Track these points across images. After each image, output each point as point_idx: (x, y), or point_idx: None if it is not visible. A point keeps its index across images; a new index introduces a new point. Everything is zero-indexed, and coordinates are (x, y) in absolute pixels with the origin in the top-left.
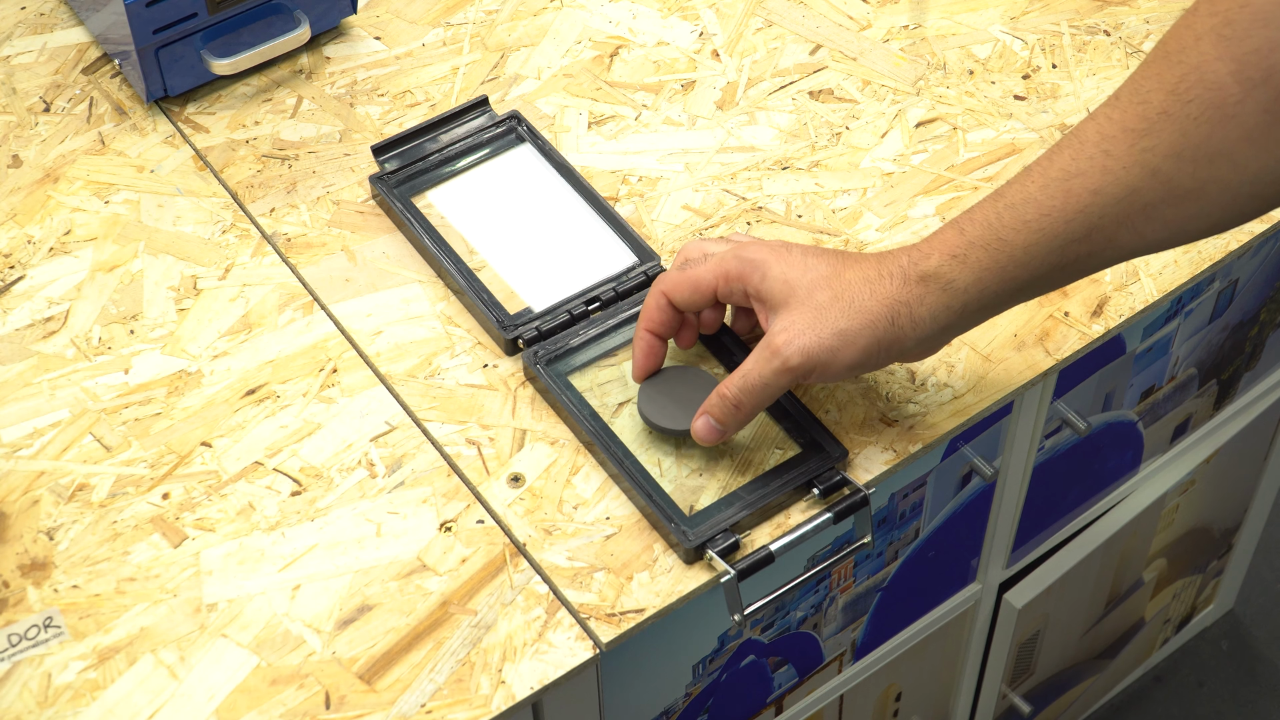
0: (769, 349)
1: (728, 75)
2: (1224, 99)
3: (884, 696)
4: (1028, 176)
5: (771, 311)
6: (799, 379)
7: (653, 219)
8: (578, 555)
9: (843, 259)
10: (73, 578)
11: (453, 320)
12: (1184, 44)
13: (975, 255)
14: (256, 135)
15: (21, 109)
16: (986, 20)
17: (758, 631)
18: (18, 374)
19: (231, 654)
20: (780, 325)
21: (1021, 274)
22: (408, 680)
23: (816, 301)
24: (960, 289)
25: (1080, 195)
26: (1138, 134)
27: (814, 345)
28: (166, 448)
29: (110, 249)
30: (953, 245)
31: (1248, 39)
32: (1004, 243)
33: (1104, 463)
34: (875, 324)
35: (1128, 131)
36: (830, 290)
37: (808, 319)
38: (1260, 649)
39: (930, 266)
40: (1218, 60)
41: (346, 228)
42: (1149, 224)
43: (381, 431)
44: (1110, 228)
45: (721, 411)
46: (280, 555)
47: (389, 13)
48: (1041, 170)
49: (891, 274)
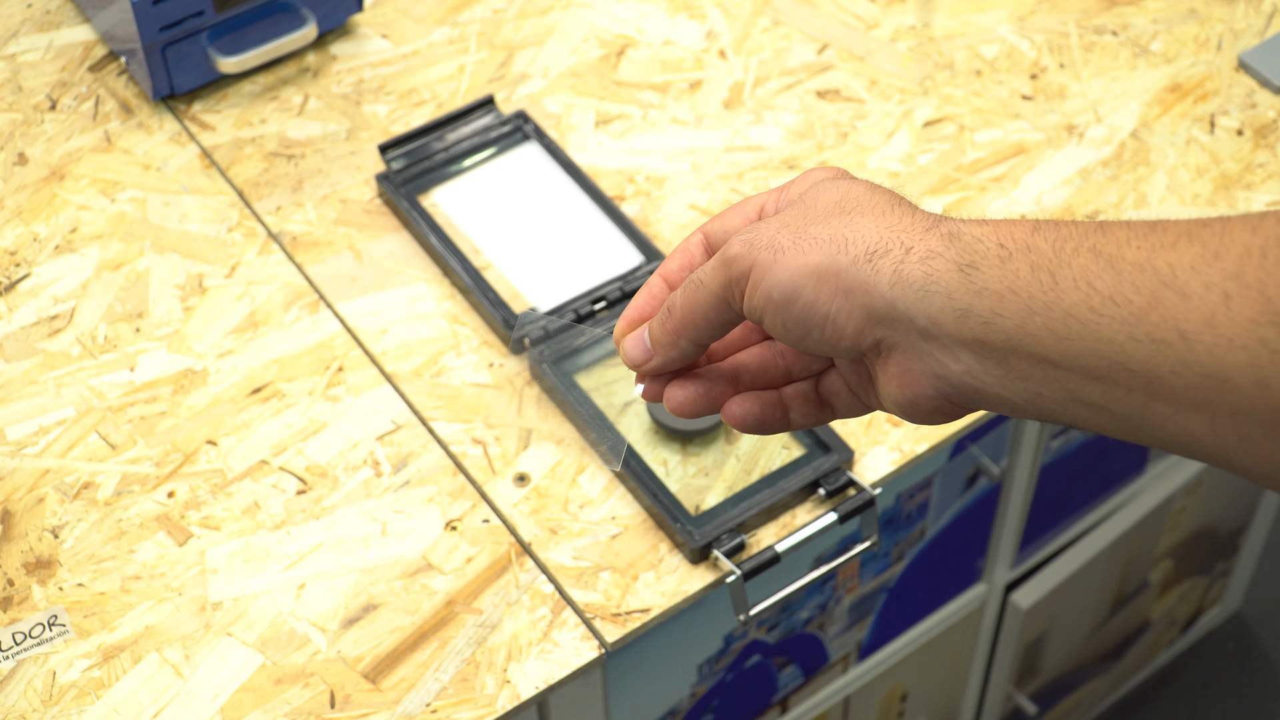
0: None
1: (735, 74)
2: None
3: (889, 697)
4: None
5: None
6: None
7: (659, 218)
8: (583, 555)
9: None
10: (78, 576)
11: (459, 319)
12: None
13: (1018, 266)
14: (263, 133)
15: (28, 107)
16: (994, 20)
17: (763, 632)
18: (23, 372)
19: (237, 652)
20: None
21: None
22: (413, 679)
23: (814, 203)
24: (976, 287)
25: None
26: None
27: (764, 238)
28: (172, 446)
29: (116, 247)
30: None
31: None
32: (1055, 284)
33: (1110, 464)
34: (848, 245)
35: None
36: (837, 196)
37: (785, 218)
38: (1266, 650)
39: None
40: None
41: (353, 226)
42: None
43: (387, 430)
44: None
45: (655, 320)
46: (285, 554)
47: (396, 11)
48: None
49: (922, 217)
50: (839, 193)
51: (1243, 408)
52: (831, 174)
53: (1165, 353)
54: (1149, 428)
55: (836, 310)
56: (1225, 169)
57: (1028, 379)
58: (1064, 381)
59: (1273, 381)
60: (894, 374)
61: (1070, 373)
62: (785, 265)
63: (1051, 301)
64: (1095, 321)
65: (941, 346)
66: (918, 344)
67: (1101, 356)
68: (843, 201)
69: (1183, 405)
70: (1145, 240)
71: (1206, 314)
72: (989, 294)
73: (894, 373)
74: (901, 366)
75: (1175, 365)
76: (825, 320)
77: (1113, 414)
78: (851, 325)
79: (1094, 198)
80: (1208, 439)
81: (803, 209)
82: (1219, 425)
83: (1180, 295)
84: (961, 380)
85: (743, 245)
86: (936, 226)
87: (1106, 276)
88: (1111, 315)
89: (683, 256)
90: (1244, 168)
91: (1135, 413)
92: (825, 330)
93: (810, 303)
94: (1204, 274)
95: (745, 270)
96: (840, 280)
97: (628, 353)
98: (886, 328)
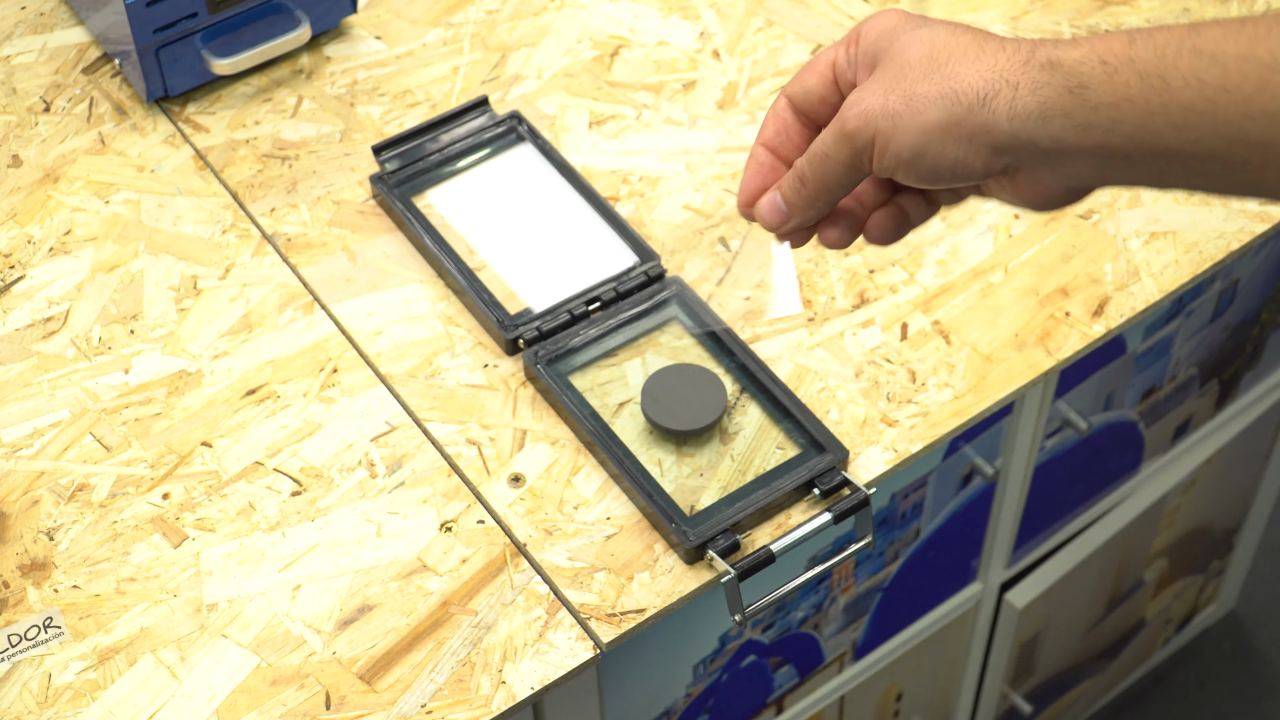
0: (838, 117)
1: (728, 75)
2: None
3: (885, 697)
4: (1230, 35)
5: (865, 74)
6: (861, 151)
7: (653, 219)
8: (578, 555)
9: (968, 27)
10: (73, 578)
11: (453, 320)
12: None
13: (1127, 77)
14: (257, 135)
15: (22, 109)
16: (987, 20)
17: (758, 632)
18: (18, 374)
19: (232, 654)
20: (857, 90)
21: (1168, 134)
22: (408, 680)
23: (905, 59)
24: (1091, 104)
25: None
26: None
27: (877, 107)
28: (167, 448)
29: (110, 249)
30: (1108, 50)
31: None
32: (1167, 86)
33: (1105, 463)
34: (960, 96)
35: None
36: (925, 48)
37: (886, 80)
38: (1261, 649)
39: (1068, 56)
40: None
41: (347, 228)
42: None
43: (382, 431)
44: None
45: (789, 187)
46: (281, 555)
47: (389, 12)
48: (1249, 40)
49: (1014, 50)
50: (925, 44)
51: None
52: (901, 20)
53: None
54: (1264, 184)
55: (964, 154)
56: None
57: (1151, 168)
58: (1186, 164)
59: None
60: (1024, 185)
61: (1193, 157)
62: (906, 128)
63: (1168, 101)
64: (1211, 110)
65: (1068, 158)
66: (1045, 160)
67: (1220, 138)
68: (933, 54)
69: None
70: (1240, 34)
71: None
72: (1105, 107)
73: (1024, 184)
74: (1031, 178)
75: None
76: (955, 164)
77: (1231, 178)
78: (980, 162)
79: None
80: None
81: (898, 68)
82: None
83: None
84: (1089, 180)
85: (859, 119)
86: (1033, 56)
87: (1214, 70)
88: (1225, 101)
89: (775, 122)
90: None
91: (1252, 175)
92: (956, 171)
93: (938, 154)
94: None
95: (869, 140)
96: (961, 129)
97: (765, 217)
98: (1011, 155)
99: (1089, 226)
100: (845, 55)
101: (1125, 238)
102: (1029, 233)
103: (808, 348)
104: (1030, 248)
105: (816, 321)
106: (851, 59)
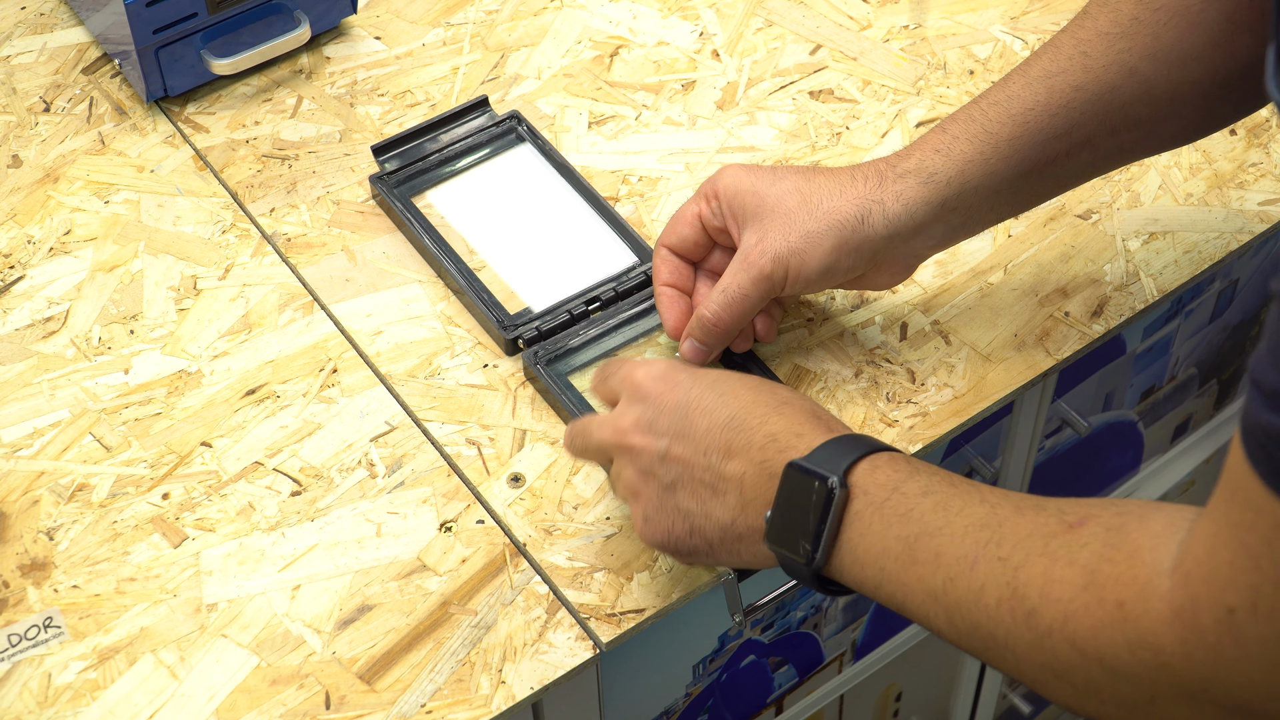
0: (742, 260)
1: (728, 75)
2: (1189, 5)
3: (884, 696)
4: (1008, 80)
5: (744, 226)
6: (775, 288)
7: (653, 219)
8: (578, 555)
9: (815, 169)
10: (73, 578)
11: (453, 320)
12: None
13: (959, 147)
14: (256, 135)
15: (21, 109)
16: (987, 20)
17: (758, 631)
18: (18, 374)
19: (231, 654)
20: (752, 236)
21: (1003, 168)
22: (408, 680)
23: (785, 208)
24: (941, 180)
25: (1063, 91)
26: (1113, 37)
27: (782, 248)
28: (166, 448)
29: (110, 249)
30: (935, 142)
31: None
32: (989, 134)
33: (1104, 463)
34: (843, 224)
35: (1103, 35)
36: (799, 195)
37: (777, 226)
38: None
39: (910, 164)
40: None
41: (346, 228)
42: (1126, 125)
43: (381, 431)
44: (1090, 125)
45: (703, 331)
46: (280, 555)
47: (389, 13)
48: (1021, 73)
49: (866, 176)
50: (796, 193)
51: (1128, 99)
52: (752, 177)
53: (1072, 105)
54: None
55: (852, 263)
56: (1219, 168)
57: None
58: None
59: None
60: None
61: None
62: (812, 256)
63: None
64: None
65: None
66: (905, 245)
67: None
68: (806, 199)
69: (1100, 123)
70: (1004, 82)
71: None
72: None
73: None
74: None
75: (1083, 106)
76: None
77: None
78: (861, 264)
79: (1087, 197)
80: None
81: (783, 216)
82: (1116, 125)
83: (1056, 77)
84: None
85: (772, 262)
86: (885, 175)
87: (1011, 105)
88: (1034, 120)
89: (666, 266)
90: (1237, 167)
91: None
92: (846, 276)
93: (847, 269)
94: (1059, 63)
95: (783, 276)
96: (850, 245)
97: (690, 359)
98: (884, 252)
99: (1088, 227)
100: (708, 208)
101: (1124, 238)
102: (1028, 233)
103: (807, 348)
104: (1030, 248)
105: (816, 321)
106: (715, 211)
